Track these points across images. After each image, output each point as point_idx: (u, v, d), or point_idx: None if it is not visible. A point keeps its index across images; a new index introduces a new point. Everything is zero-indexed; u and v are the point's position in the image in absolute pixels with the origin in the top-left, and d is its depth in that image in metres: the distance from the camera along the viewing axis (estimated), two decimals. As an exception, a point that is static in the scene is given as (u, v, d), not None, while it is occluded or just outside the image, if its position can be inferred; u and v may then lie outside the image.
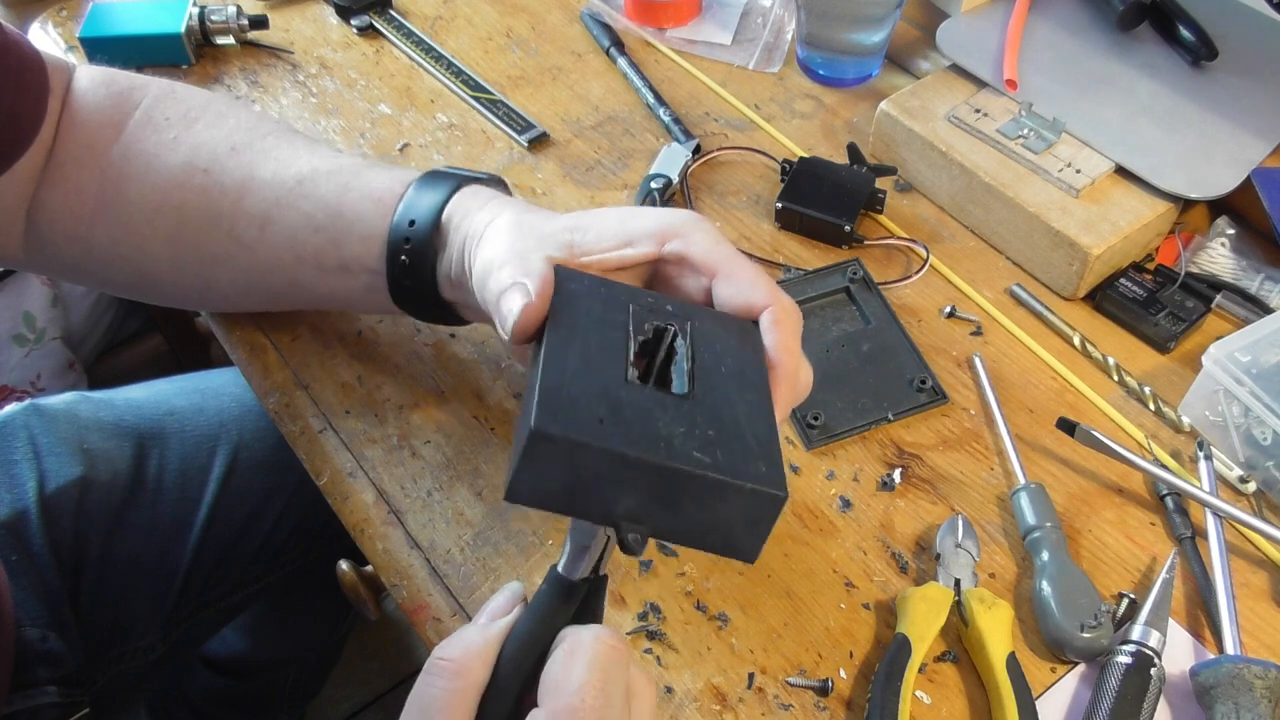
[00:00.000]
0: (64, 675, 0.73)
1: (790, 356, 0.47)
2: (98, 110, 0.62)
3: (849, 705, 0.54)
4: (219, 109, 0.64)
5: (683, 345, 0.45)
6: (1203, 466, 0.62)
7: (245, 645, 1.11)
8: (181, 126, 0.62)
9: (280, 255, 0.60)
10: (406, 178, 0.58)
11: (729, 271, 0.48)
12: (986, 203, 0.74)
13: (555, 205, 0.78)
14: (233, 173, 0.60)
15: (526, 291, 0.45)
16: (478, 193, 0.57)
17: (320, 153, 0.61)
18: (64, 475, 0.76)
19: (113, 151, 0.61)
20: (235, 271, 0.62)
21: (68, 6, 0.94)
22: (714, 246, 0.49)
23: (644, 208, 0.51)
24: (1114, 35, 0.82)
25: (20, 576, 0.73)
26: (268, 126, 0.63)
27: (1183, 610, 0.57)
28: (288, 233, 0.59)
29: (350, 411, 0.66)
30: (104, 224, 0.62)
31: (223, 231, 0.60)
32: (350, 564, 0.72)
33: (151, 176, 0.61)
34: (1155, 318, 0.69)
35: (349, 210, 0.58)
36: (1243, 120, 0.75)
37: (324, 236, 0.59)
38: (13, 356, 1.18)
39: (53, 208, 0.62)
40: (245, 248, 0.61)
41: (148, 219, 0.61)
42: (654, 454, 0.37)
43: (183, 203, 0.60)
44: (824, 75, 0.88)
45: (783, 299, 0.48)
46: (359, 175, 0.59)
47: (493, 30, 0.93)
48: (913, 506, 0.61)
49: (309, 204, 0.59)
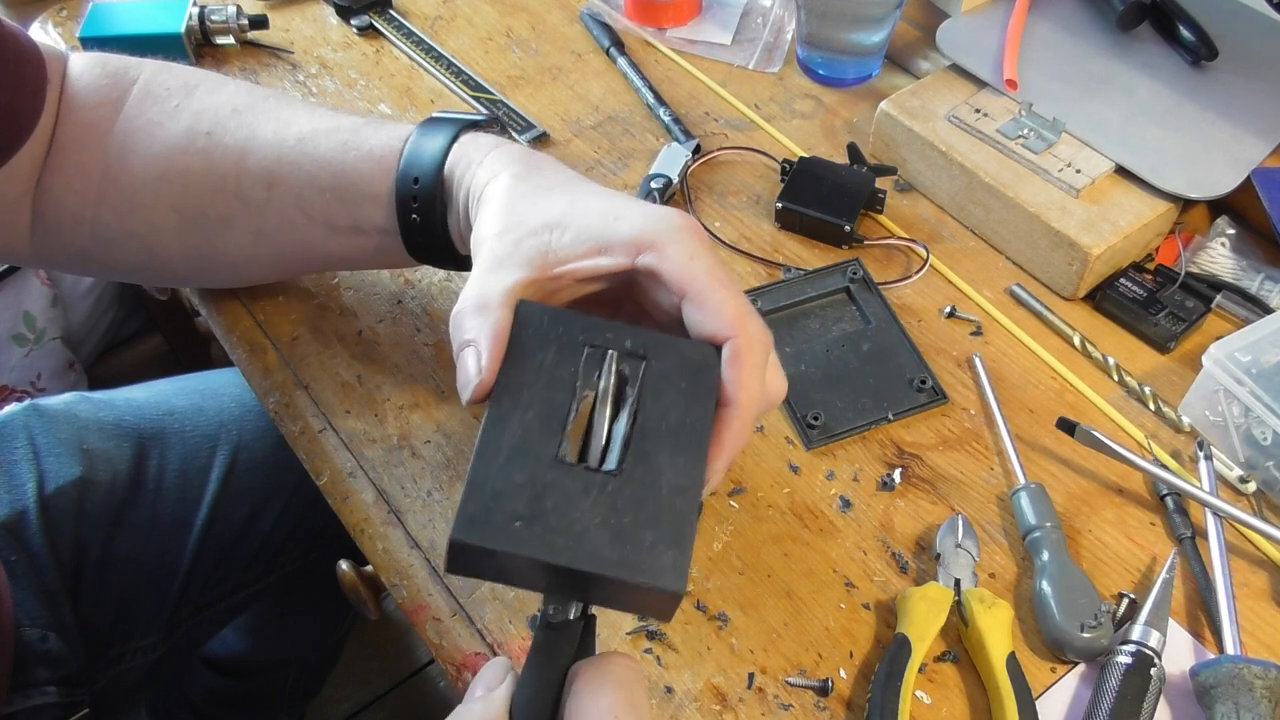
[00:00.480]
0: (64, 675, 0.73)
1: (746, 393, 0.45)
2: (95, 90, 0.62)
3: (849, 705, 0.54)
4: (218, 78, 0.64)
5: (630, 400, 0.45)
6: (1203, 466, 0.62)
7: (245, 645, 1.11)
8: (182, 95, 0.62)
9: (289, 215, 0.60)
10: (404, 132, 0.58)
11: (696, 294, 0.46)
12: (986, 203, 0.74)
13: (555, 205, 0.78)
14: (234, 133, 0.60)
15: (478, 359, 0.44)
16: (477, 141, 0.56)
17: (319, 113, 0.61)
18: (64, 475, 0.76)
19: (115, 128, 0.61)
20: (243, 234, 0.62)
21: (68, 6, 0.94)
22: (686, 263, 0.46)
23: (631, 204, 0.49)
24: (1114, 35, 0.82)
25: (20, 577, 0.73)
26: (267, 91, 0.63)
27: (1183, 610, 0.57)
28: (293, 192, 0.59)
29: (350, 411, 0.66)
30: (109, 201, 0.62)
31: (229, 193, 0.60)
32: (350, 564, 0.72)
33: (155, 146, 0.61)
34: (1155, 318, 0.69)
35: (351, 170, 0.58)
36: (1243, 120, 0.75)
37: (331, 196, 0.58)
38: (12, 356, 1.18)
39: (57, 192, 0.62)
40: (253, 209, 0.60)
41: (152, 188, 0.61)
42: (560, 556, 0.40)
43: (186, 167, 0.60)
44: (824, 75, 0.88)
45: (749, 328, 0.46)
46: (357, 133, 0.59)
47: (493, 30, 0.93)
48: (913, 506, 0.61)
49: (310, 163, 0.59)
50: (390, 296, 0.72)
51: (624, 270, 0.48)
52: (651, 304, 0.50)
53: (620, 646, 0.56)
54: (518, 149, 0.55)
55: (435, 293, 0.72)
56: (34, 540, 0.74)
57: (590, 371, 0.45)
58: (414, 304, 0.72)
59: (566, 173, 0.53)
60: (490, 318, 0.45)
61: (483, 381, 0.44)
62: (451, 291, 0.72)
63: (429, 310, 0.71)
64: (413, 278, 0.73)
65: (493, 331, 0.45)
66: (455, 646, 0.56)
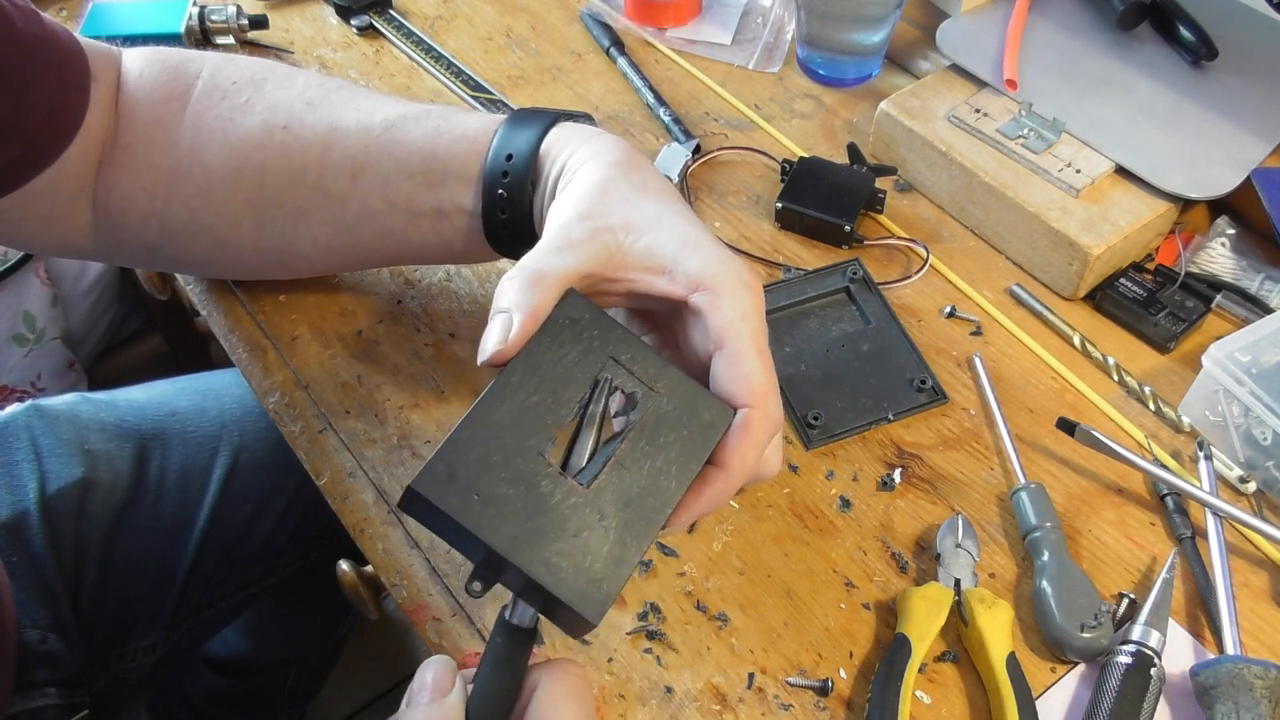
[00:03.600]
0: (64, 676, 0.73)
1: (740, 462, 0.45)
2: (159, 87, 0.62)
3: (849, 705, 0.54)
4: (284, 70, 0.64)
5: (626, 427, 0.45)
6: (1203, 466, 0.62)
7: (246, 645, 1.11)
8: (251, 89, 0.62)
9: (372, 203, 0.60)
10: (498, 118, 0.58)
11: (733, 352, 0.46)
12: (986, 203, 0.74)
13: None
14: (313, 126, 0.60)
15: (507, 328, 0.44)
16: (577, 127, 0.56)
17: (402, 101, 0.62)
18: (65, 476, 0.76)
19: (183, 123, 0.61)
20: (321, 224, 0.62)
21: (68, 6, 0.94)
22: (735, 319, 0.46)
23: (710, 240, 0.49)
24: (1114, 35, 0.82)
25: (21, 578, 0.73)
26: (337, 82, 0.64)
27: (1183, 610, 0.57)
28: (380, 179, 0.59)
29: (350, 411, 0.66)
30: (181, 196, 0.61)
31: (309, 185, 0.60)
32: (350, 564, 0.72)
33: (230, 140, 0.61)
34: (1155, 318, 0.69)
35: (443, 151, 0.58)
36: (1243, 120, 0.75)
37: (418, 181, 0.58)
38: (12, 356, 1.18)
39: (124, 190, 0.61)
40: (335, 199, 0.60)
41: (228, 183, 0.61)
42: (499, 544, 0.41)
43: (264, 161, 0.60)
44: (824, 75, 0.88)
45: (768, 405, 0.46)
46: (448, 118, 0.59)
47: (493, 30, 0.93)
48: (913, 506, 0.61)
49: (400, 149, 0.59)
50: (390, 296, 0.72)
51: (677, 300, 0.48)
52: (684, 337, 0.50)
53: (620, 646, 0.56)
54: (621, 140, 0.55)
55: (435, 293, 0.72)
56: (35, 541, 0.74)
57: (602, 389, 0.45)
58: (414, 304, 0.72)
59: (664, 182, 0.53)
60: (536, 295, 0.45)
61: (503, 352, 0.44)
62: (451, 292, 0.72)
63: (429, 310, 0.71)
64: (413, 277, 0.73)
65: (532, 308, 0.45)
66: (455, 646, 0.56)
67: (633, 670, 0.55)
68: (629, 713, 0.53)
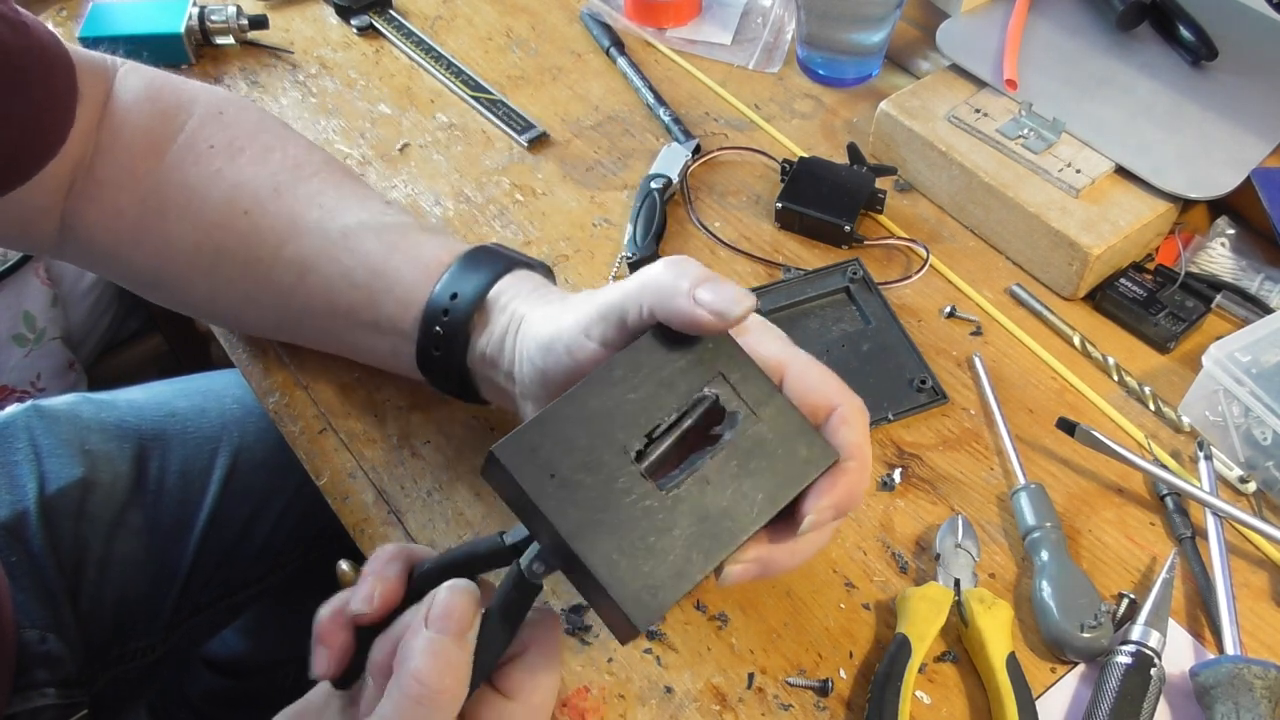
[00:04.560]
0: (63, 677, 0.73)
1: (863, 450, 0.46)
2: (141, 130, 0.61)
3: (849, 705, 0.54)
4: (266, 141, 0.62)
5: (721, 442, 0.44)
6: (1203, 466, 0.62)
7: (245, 646, 1.11)
8: (225, 158, 0.61)
9: (314, 304, 0.60)
10: (455, 248, 0.57)
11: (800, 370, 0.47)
12: (986, 203, 0.74)
13: (555, 205, 0.78)
14: (275, 217, 0.60)
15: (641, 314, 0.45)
16: (531, 278, 0.56)
17: (370, 206, 0.61)
18: (65, 477, 0.76)
19: (153, 178, 0.61)
20: (269, 310, 0.62)
21: (68, 6, 0.94)
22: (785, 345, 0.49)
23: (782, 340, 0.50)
24: (1114, 35, 0.82)
25: (20, 578, 0.73)
26: (315, 164, 0.62)
27: (1183, 610, 0.57)
28: (325, 283, 0.59)
29: (350, 411, 0.66)
30: (145, 250, 0.62)
31: (260, 275, 0.60)
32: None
33: (192, 212, 0.60)
34: (1155, 318, 0.69)
35: (392, 271, 0.57)
36: (1243, 120, 0.75)
37: (362, 293, 0.58)
38: (12, 356, 1.18)
39: (91, 224, 0.62)
40: (281, 293, 0.61)
41: (187, 255, 0.61)
42: (563, 527, 0.40)
43: (221, 243, 0.60)
44: (824, 75, 0.88)
45: (855, 398, 0.47)
46: (407, 236, 0.59)
47: (493, 30, 0.93)
48: (913, 506, 0.61)
49: (351, 259, 0.58)
50: (390, 297, 0.72)
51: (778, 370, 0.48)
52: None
53: (620, 646, 0.56)
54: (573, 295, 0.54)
55: (435, 293, 0.72)
56: (35, 541, 0.74)
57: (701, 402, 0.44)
58: (414, 304, 0.72)
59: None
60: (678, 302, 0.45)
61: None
62: (451, 292, 0.72)
63: (429, 310, 0.71)
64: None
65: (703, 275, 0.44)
66: (455, 647, 0.56)
67: (632, 670, 0.55)
68: (629, 713, 0.53)
